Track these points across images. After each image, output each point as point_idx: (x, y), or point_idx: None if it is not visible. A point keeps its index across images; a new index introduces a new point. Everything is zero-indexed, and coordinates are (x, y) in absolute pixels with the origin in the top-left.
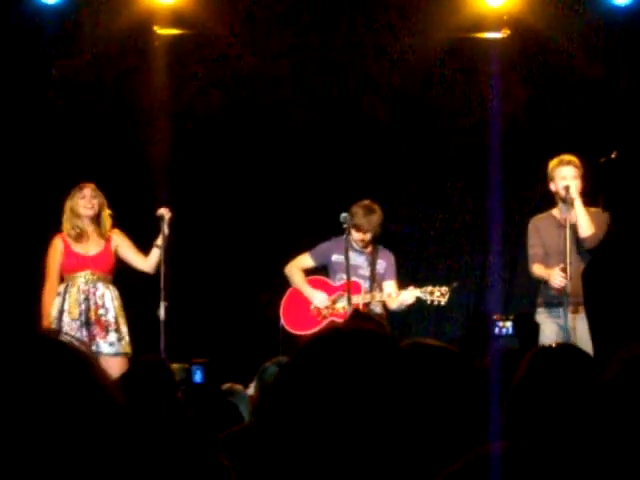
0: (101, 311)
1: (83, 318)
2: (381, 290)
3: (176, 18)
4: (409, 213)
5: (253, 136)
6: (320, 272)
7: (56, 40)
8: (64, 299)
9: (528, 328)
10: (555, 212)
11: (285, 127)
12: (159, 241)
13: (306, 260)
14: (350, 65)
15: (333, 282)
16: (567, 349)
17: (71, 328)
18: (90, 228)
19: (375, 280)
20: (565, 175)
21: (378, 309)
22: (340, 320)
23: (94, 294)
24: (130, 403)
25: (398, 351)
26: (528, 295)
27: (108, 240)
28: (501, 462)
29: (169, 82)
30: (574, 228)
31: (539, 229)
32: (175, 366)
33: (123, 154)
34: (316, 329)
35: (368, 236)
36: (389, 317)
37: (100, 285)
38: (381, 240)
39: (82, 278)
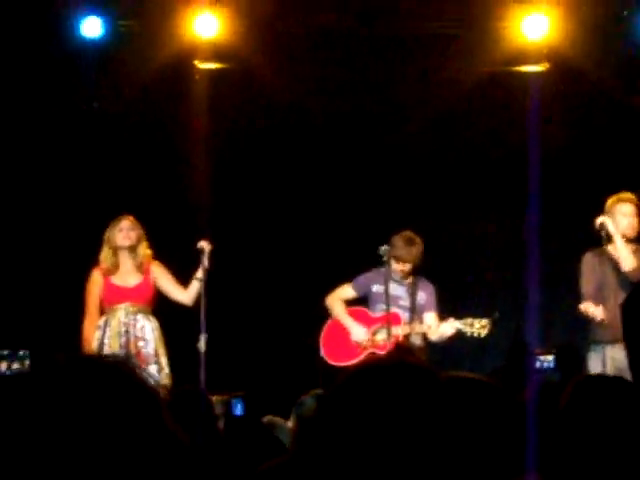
0: (141, 343)
1: (124, 351)
2: (421, 321)
3: (216, 52)
4: (449, 243)
5: (293, 168)
6: (361, 303)
7: (98, 74)
8: (104, 332)
9: (571, 361)
10: (610, 248)
11: (325, 159)
12: (199, 274)
13: (347, 291)
14: (389, 96)
15: (373, 313)
16: (614, 379)
17: None
18: (128, 260)
19: (415, 311)
20: (626, 212)
21: (418, 341)
22: (380, 352)
23: (134, 326)
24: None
25: (438, 385)
26: (569, 328)
27: (147, 272)
28: None
29: (209, 115)
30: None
31: (593, 264)
32: (215, 398)
33: (164, 187)
34: (355, 361)
35: (408, 267)
36: (429, 349)
37: (140, 317)
38: (422, 271)
39: (122, 310)
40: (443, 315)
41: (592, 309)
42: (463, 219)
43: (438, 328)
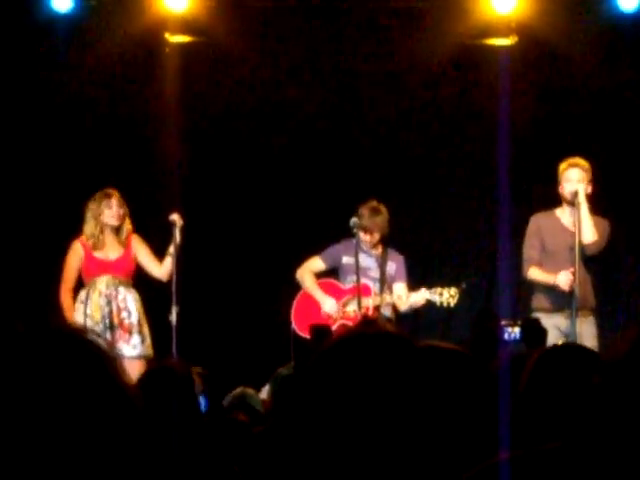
0: (124, 314)
1: (107, 321)
2: (391, 292)
3: (187, 25)
4: (418, 215)
5: (263, 141)
6: (331, 275)
7: (68, 47)
8: (86, 305)
9: (536, 334)
10: (559, 213)
11: (295, 132)
12: (171, 249)
13: (317, 263)
14: (357, 71)
15: (343, 285)
16: (573, 348)
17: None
18: (111, 235)
19: (385, 282)
20: (571, 177)
21: (388, 312)
22: (350, 323)
23: (116, 297)
24: (149, 404)
25: (416, 353)
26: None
27: (128, 245)
28: (510, 470)
29: (179, 88)
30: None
31: (540, 229)
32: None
33: (134, 160)
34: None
35: (375, 237)
36: (398, 320)
37: (122, 289)
38: (391, 242)
39: (103, 283)
40: (413, 286)
41: (562, 280)
42: (433, 191)
43: (408, 298)
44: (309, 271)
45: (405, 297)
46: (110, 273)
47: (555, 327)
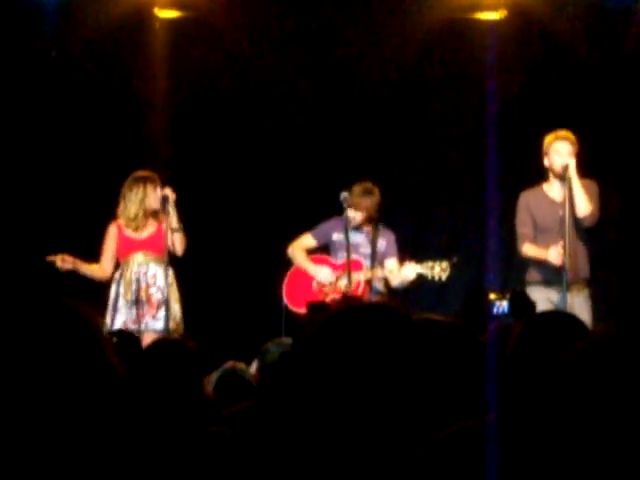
0: (152, 290)
1: (134, 297)
2: (382, 268)
3: (176, 0)
4: (408, 190)
5: (253, 117)
6: (321, 252)
7: (56, 22)
8: (119, 284)
9: (524, 306)
10: (546, 188)
11: (285, 108)
12: (174, 223)
13: (308, 240)
14: (346, 45)
15: (335, 261)
16: (559, 315)
17: (125, 310)
18: (148, 218)
19: (376, 258)
20: (559, 150)
21: (380, 287)
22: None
23: (145, 274)
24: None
25: (412, 325)
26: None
27: (160, 223)
28: (495, 429)
29: (168, 63)
30: (570, 206)
31: (530, 205)
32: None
33: (123, 136)
34: None
35: (359, 216)
36: (390, 295)
37: (152, 265)
38: (382, 218)
39: (135, 260)
40: (403, 262)
41: (552, 255)
42: (423, 166)
43: (400, 272)
44: (300, 247)
45: (396, 271)
46: (142, 250)
47: (548, 300)
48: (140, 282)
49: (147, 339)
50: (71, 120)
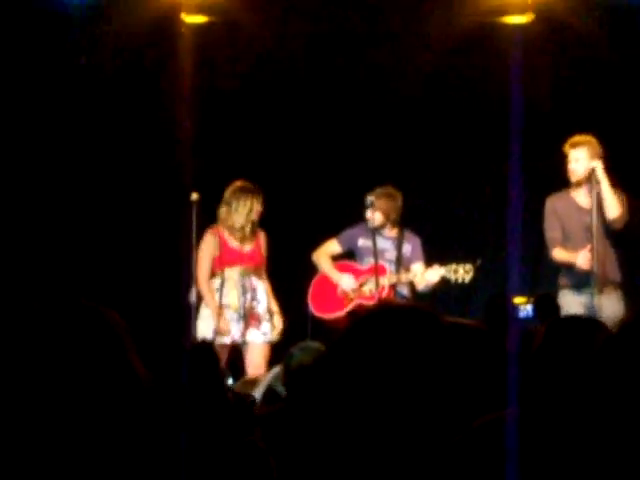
0: (254, 303)
1: (241, 311)
2: (408, 272)
3: (203, 5)
4: (434, 193)
5: (280, 122)
6: (346, 258)
7: (84, 29)
8: (221, 293)
9: (549, 310)
10: (573, 193)
11: (313, 113)
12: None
13: (333, 246)
14: (374, 49)
15: (360, 266)
16: (583, 319)
17: (231, 322)
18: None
19: (401, 263)
20: (577, 157)
21: (405, 291)
22: (367, 303)
23: (249, 287)
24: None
25: (441, 328)
26: (555, 277)
27: (257, 238)
28: (515, 424)
29: (196, 69)
30: (598, 210)
31: (557, 211)
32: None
33: (150, 141)
34: (343, 312)
35: (378, 217)
36: (416, 300)
37: (254, 279)
38: (407, 223)
39: (236, 272)
40: (429, 266)
41: (581, 259)
42: (449, 170)
43: (423, 275)
44: (325, 254)
45: (421, 275)
46: (243, 264)
47: (580, 304)
48: (246, 295)
49: (252, 351)
50: (99, 126)
